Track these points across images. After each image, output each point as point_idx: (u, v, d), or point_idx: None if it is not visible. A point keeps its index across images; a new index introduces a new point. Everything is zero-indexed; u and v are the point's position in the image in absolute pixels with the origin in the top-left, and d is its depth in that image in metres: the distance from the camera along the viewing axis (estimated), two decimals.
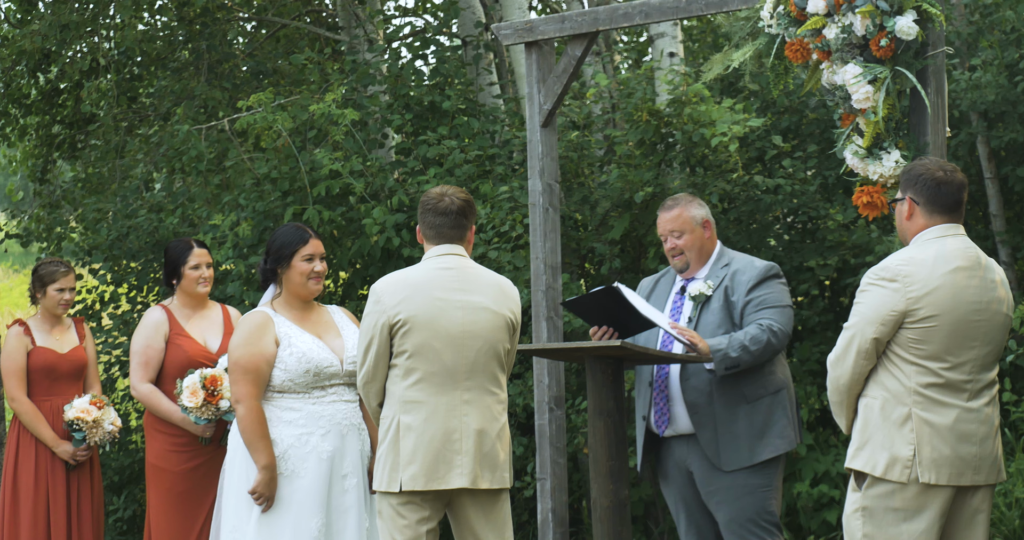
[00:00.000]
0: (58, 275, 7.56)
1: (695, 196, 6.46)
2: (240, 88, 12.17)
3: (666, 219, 6.27)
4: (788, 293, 6.21)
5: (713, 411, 6.10)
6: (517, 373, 8.75)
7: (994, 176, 9.09)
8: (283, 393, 5.95)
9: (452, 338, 5.48)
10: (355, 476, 5.97)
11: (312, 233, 6.09)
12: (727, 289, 6.16)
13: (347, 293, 9.96)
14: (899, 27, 5.92)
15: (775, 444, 6.09)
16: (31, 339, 7.53)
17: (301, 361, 5.91)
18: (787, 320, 6.11)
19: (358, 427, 6.01)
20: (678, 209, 6.26)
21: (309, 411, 5.94)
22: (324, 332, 6.06)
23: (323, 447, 5.91)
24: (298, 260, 6.01)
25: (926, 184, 5.10)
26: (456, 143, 9.35)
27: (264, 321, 5.97)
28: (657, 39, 9.65)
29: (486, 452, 5.50)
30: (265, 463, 5.84)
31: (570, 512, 9.10)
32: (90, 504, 7.54)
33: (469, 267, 5.61)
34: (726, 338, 6.03)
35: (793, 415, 6.18)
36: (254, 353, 5.90)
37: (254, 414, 5.87)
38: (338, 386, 6.00)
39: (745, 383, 6.09)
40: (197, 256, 7.05)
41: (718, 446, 6.10)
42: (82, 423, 7.32)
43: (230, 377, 6.00)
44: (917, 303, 4.96)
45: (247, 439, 5.89)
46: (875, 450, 5.00)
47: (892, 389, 5.00)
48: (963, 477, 4.98)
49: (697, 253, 6.25)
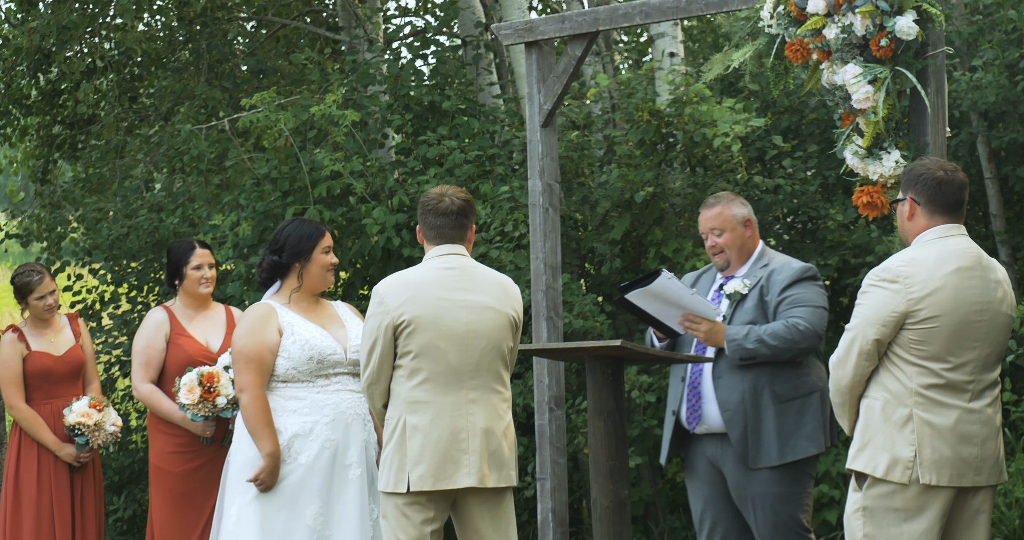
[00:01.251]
0: (34, 284, 7.49)
1: (738, 195, 6.43)
2: (240, 88, 12.17)
3: (707, 217, 6.24)
4: (823, 295, 6.15)
5: (744, 410, 6.06)
6: (517, 373, 8.75)
7: (994, 176, 9.09)
8: (287, 382, 5.97)
9: (457, 337, 5.48)
10: (359, 466, 5.97)
11: (323, 225, 6.17)
12: (762, 289, 6.13)
13: (347, 293, 9.96)
14: (899, 27, 5.92)
15: (803, 446, 6.06)
16: (26, 344, 7.50)
17: (304, 348, 5.93)
18: (818, 320, 6.05)
19: (363, 417, 6.02)
20: (719, 207, 6.23)
21: (313, 400, 5.96)
22: (329, 323, 6.09)
23: (327, 435, 5.92)
24: (318, 252, 6.07)
25: (927, 184, 5.09)
26: (456, 143, 9.35)
27: (267, 311, 6.00)
28: (657, 39, 9.65)
29: (492, 451, 5.51)
30: (269, 450, 5.86)
31: (570, 512, 9.10)
32: (93, 506, 7.53)
33: (471, 266, 5.62)
34: (745, 329, 6.02)
35: (825, 419, 6.14)
36: (257, 342, 5.93)
37: (258, 402, 5.89)
38: (342, 375, 6.01)
39: (777, 383, 6.07)
40: (199, 256, 7.05)
41: (747, 444, 6.06)
42: (84, 427, 7.31)
43: (234, 367, 6.02)
44: (918, 304, 4.95)
45: (251, 427, 5.90)
46: (876, 451, 5.00)
47: (893, 390, 5.00)
48: (964, 478, 4.97)
49: (737, 252, 6.22)
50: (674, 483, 9.44)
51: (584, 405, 8.26)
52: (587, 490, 8.95)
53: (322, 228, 6.11)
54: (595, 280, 9.27)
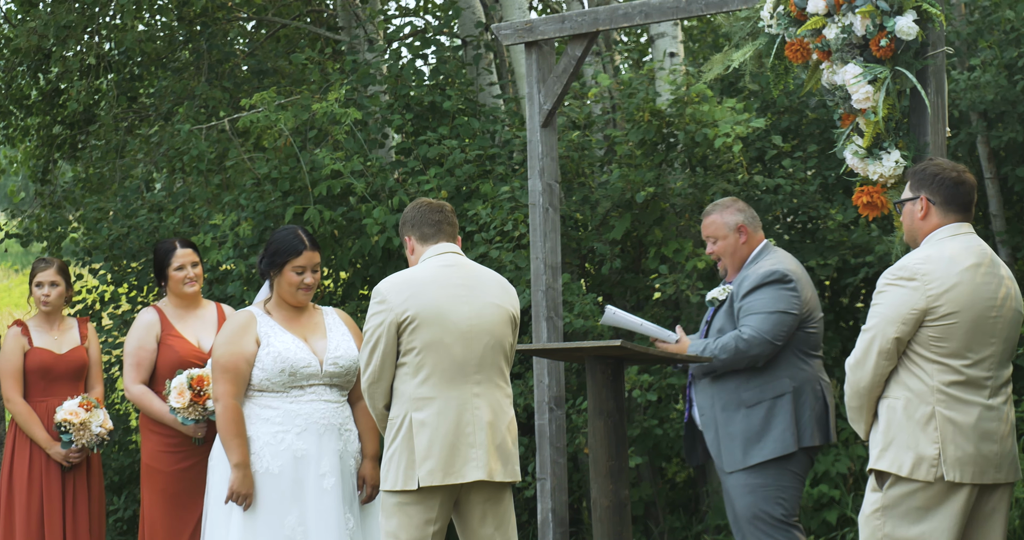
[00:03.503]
0: (37, 270, 7.59)
1: (737, 200, 6.48)
2: (240, 88, 12.17)
3: (704, 225, 6.43)
4: (784, 298, 6.18)
5: (714, 415, 6.25)
6: (517, 373, 8.74)
7: (994, 176, 9.08)
8: (262, 392, 6.01)
9: (461, 333, 5.51)
10: (333, 476, 5.98)
11: (308, 244, 6.07)
12: (733, 295, 6.26)
13: (347, 293, 9.96)
14: (899, 27, 5.92)
15: (770, 448, 6.16)
16: (28, 339, 7.51)
17: (276, 360, 5.96)
18: (770, 326, 6.13)
19: (339, 427, 6.04)
20: (714, 215, 6.38)
21: (286, 409, 5.99)
22: (310, 333, 6.09)
23: (298, 445, 5.95)
24: (288, 270, 6.06)
25: (944, 184, 5.12)
26: (456, 143, 9.35)
27: (247, 321, 6.04)
28: (657, 39, 9.64)
29: (498, 444, 5.54)
30: (237, 461, 5.90)
31: (570, 512, 9.10)
32: (86, 506, 7.52)
33: (469, 264, 5.67)
34: (702, 343, 6.22)
35: (804, 418, 6.19)
36: (234, 352, 5.97)
37: (230, 412, 5.94)
38: (317, 386, 6.04)
39: (744, 389, 6.21)
40: (180, 257, 7.03)
41: (719, 447, 6.24)
42: (68, 425, 7.30)
43: (211, 375, 6.07)
44: (937, 300, 4.97)
45: (222, 437, 5.97)
46: (900, 450, 4.99)
47: (915, 389, 5.00)
48: (986, 475, 5.00)
49: (731, 258, 6.35)
50: (674, 483, 9.44)
51: (584, 405, 8.26)
52: (587, 490, 8.95)
53: (301, 247, 6.03)
54: (595, 280, 9.27)
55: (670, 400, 8.81)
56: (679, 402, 8.98)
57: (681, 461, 9.42)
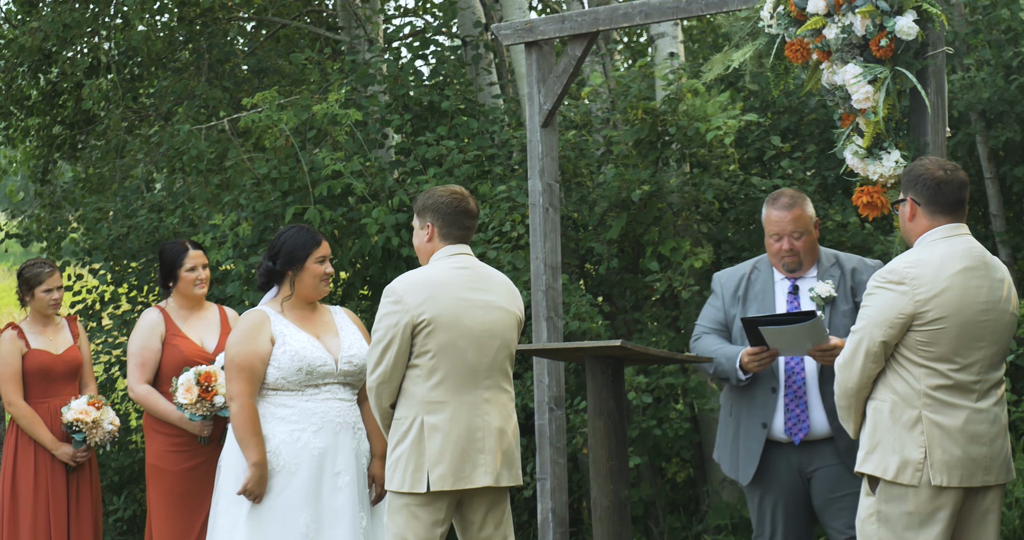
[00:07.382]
0: (44, 276, 7.53)
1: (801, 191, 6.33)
2: (241, 88, 12.17)
3: (787, 218, 5.96)
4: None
5: None
6: (517, 373, 8.74)
7: (994, 176, 9.09)
8: (277, 390, 5.99)
9: (475, 337, 5.51)
10: (348, 474, 5.98)
11: (321, 235, 6.13)
12: (853, 290, 5.96)
13: (347, 293, 9.96)
14: (899, 27, 5.92)
15: None
16: (25, 342, 7.51)
17: (294, 359, 5.94)
18: None
19: (352, 425, 6.03)
20: (798, 208, 5.97)
21: (302, 408, 5.97)
22: (323, 332, 6.08)
23: (314, 443, 5.94)
24: (312, 262, 6.06)
25: (926, 184, 5.09)
26: (455, 143, 9.35)
27: (261, 319, 6.01)
28: (657, 39, 9.64)
29: (506, 450, 5.55)
30: (255, 460, 5.88)
31: (570, 512, 9.10)
32: (90, 505, 7.53)
33: (480, 266, 5.68)
34: None
35: None
36: (249, 351, 5.94)
37: (247, 411, 5.91)
38: (332, 385, 6.03)
39: None
40: (193, 258, 7.04)
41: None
42: (82, 424, 7.32)
43: (225, 374, 6.03)
44: (925, 305, 4.95)
45: (239, 436, 5.93)
46: (885, 453, 4.99)
47: (901, 392, 4.99)
48: (974, 478, 4.98)
49: (810, 253, 6.02)
50: (674, 483, 9.44)
51: (584, 405, 8.26)
52: (587, 490, 8.95)
53: (319, 237, 6.09)
54: (594, 280, 9.27)
55: (669, 400, 8.81)
56: (679, 402, 8.98)
57: (681, 461, 9.40)
